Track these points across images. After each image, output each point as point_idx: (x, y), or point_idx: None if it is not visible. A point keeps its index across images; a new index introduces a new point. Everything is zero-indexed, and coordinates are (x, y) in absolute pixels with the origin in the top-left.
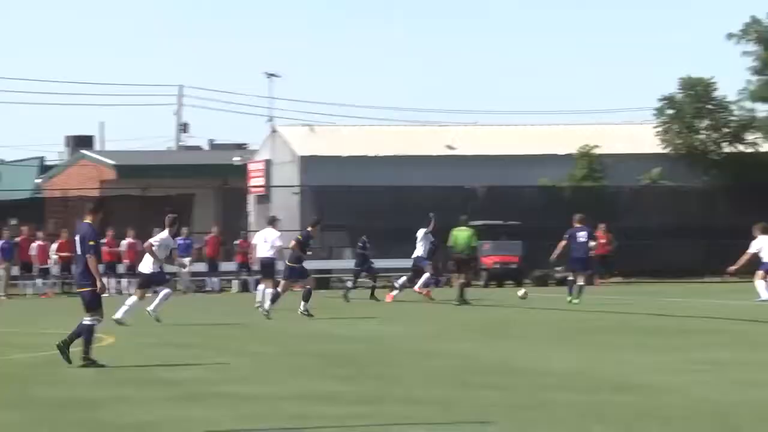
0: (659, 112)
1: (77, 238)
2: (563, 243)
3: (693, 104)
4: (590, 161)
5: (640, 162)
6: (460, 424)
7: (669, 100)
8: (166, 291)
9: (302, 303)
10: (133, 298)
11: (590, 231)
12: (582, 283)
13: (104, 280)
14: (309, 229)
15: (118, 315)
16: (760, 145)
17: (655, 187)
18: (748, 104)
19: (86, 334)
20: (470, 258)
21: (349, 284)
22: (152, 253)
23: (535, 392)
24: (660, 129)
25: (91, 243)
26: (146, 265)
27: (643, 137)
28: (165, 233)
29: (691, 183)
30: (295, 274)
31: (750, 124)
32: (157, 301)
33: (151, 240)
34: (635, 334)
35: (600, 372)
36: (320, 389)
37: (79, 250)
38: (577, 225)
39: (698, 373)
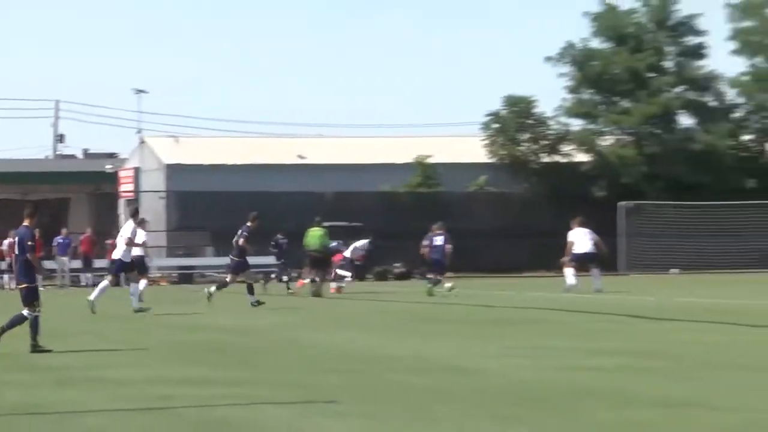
0: (486, 126)
1: (16, 240)
2: (426, 249)
3: (516, 119)
4: (425, 169)
5: (469, 170)
6: (311, 404)
7: (494, 116)
8: (105, 284)
9: (248, 295)
10: (134, 286)
11: (447, 236)
12: (437, 278)
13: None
14: (248, 224)
15: (135, 306)
16: (573, 156)
17: (482, 193)
18: (564, 119)
19: (24, 324)
20: (324, 255)
21: (285, 278)
22: (133, 244)
23: (379, 375)
24: (486, 141)
25: (30, 243)
26: (122, 253)
27: (471, 148)
28: (132, 223)
29: (514, 189)
30: (239, 267)
31: (565, 137)
32: (96, 291)
33: (129, 235)
34: (469, 323)
35: (439, 357)
36: (190, 374)
37: (17, 251)
38: (436, 231)
39: (521, 358)
